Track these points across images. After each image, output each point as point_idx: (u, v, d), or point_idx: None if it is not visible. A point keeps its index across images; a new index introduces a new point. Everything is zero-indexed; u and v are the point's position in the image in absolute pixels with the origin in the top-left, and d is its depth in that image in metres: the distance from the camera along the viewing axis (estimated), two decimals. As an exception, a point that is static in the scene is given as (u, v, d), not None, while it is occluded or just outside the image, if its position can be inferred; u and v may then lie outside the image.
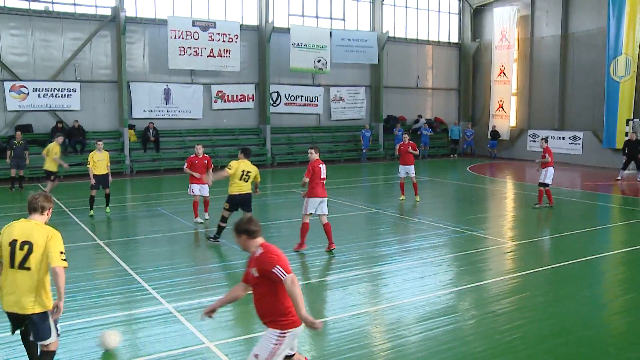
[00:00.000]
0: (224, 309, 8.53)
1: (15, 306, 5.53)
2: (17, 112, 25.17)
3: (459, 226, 14.45)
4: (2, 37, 24.77)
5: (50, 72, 25.58)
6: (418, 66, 35.11)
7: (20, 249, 5.48)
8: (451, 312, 8.51)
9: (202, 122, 28.88)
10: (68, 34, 25.87)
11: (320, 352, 7.14)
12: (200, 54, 27.75)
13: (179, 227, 14.72)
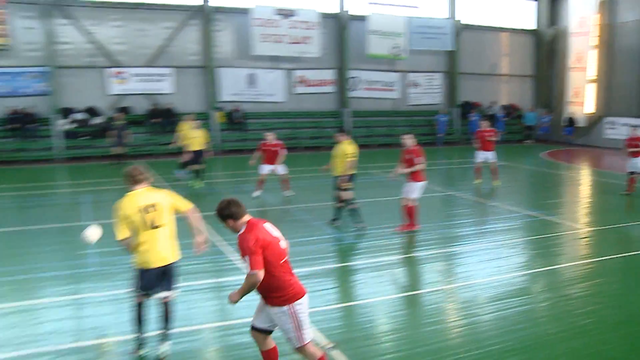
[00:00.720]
0: (309, 280, 8.95)
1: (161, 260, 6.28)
2: (118, 96, 26.46)
3: (534, 210, 14.24)
4: (105, 28, 26.07)
5: (146, 59, 26.68)
6: (493, 53, 34.27)
7: (147, 212, 6.12)
8: (524, 294, 8.53)
9: (284, 106, 29.40)
10: (161, 24, 26.89)
11: (397, 326, 7.36)
12: (282, 41, 28.22)
13: (267, 203, 15.22)
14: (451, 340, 6.93)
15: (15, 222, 13.63)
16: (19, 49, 24.91)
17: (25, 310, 7.93)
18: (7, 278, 9.19)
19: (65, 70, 25.53)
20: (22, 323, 7.50)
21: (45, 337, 7.03)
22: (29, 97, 25.09)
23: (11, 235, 12.38)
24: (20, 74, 25.01)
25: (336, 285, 9.25)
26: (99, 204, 15.52)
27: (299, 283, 5.46)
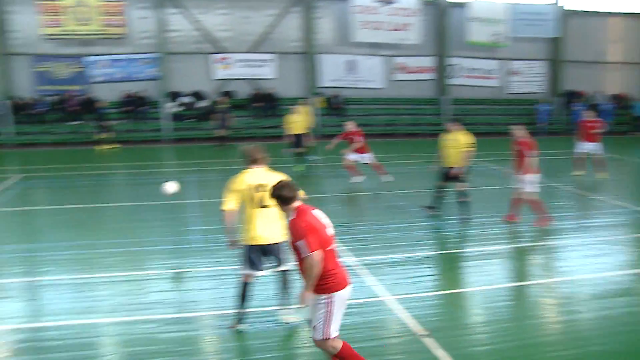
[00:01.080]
0: (405, 266, 8.83)
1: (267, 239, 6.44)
2: (222, 81, 27.24)
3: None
4: (211, 16, 26.89)
5: (249, 45, 27.25)
6: (600, 39, 32.16)
7: (257, 192, 6.27)
8: (632, 294, 7.96)
9: (383, 92, 29.15)
10: (264, 11, 27.34)
11: (493, 317, 7.10)
12: (382, 28, 27.93)
13: (364, 188, 15.17)
14: (548, 337, 6.59)
15: (127, 198, 14.41)
16: (134, 37, 26.29)
17: (135, 280, 8.34)
18: (120, 249, 9.71)
19: (174, 56, 26.62)
20: (131, 291, 7.89)
21: (151, 306, 7.36)
22: (141, 81, 26.47)
23: (124, 209, 13.07)
24: (135, 60, 26.40)
25: (432, 273, 9.07)
26: (202, 184, 16.07)
27: (343, 274, 5.26)
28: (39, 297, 7.99)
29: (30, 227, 11.95)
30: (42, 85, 25.99)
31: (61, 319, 6.98)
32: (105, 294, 7.78)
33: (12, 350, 6.34)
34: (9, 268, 9.00)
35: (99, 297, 7.69)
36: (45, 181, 17.13)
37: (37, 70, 25.91)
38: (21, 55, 25.80)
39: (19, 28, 25.68)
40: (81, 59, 26.12)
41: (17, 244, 10.33)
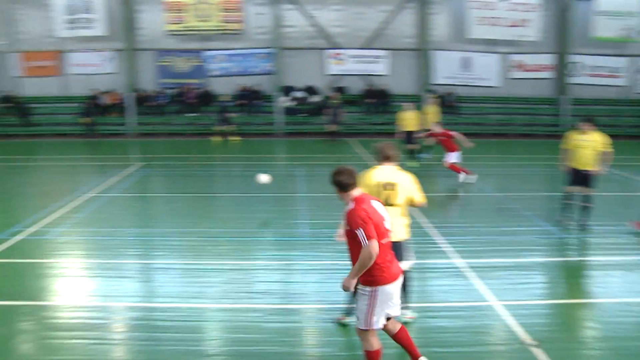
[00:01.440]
0: (515, 272, 8.38)
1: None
2: (335, 76, 27.41)
3: None
4: (326, 12, 27.12)
5: (363, 41, 27.19)
6: None
7: (384, 189, 6.20)
8: None
9: (497, 90, 28.00)
10: (378, 7, 27.14)
11: (612, 334, 6.51)
12: (499, 24, 26.83)
13: (477, 189, 14.64)
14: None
15: (239, 189, 14.81)
16: (250, 32, 27.08)
17: (242, 269, 8.51)
18: (229, 238, 9.96)
19: (289, 51, 27.10)
20: (238, 280, 8.05)
21: (257, 295, 7.47)
22: (256, 75, 27.23)
23: (235, 200, 13.43)
24: (250, 55, 27.19)
25: (544, 281, 8.54)
26: (311, 178, 16.19)
27: (392, 269, 5.09)
28: (152, 280, 8.36)
29: (147, 213, 12.60)
30: (164, 78, 27.52)
31: (171, 302, 7.25)
32: (213, 281, 8.00)
33: (127, 326, 6.70)
34: (126, 250, 9.51)
35: (207, 283, 7.92)
36: (163, 170, 18.01)
37: (160, 64, 27.43)
38: (146, 51, 27.43)
39: (145, 25, 27.33)
40: (200, 53, 27.30)
41: (135, 228, 10.91)
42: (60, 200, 13.01)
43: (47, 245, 9.83)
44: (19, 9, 27.61)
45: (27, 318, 6.90)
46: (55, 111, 27.87)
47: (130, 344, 6.27)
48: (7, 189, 15.70)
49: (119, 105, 27.21)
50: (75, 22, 26.37)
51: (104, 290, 7.76)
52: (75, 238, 10.39)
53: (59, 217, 11.52)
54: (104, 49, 27.33)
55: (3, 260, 8.91)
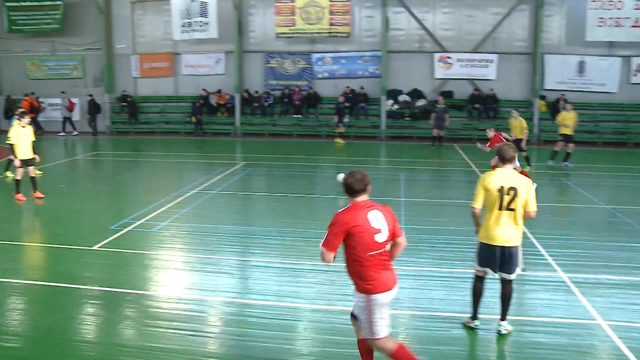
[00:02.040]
0: (625, 291, 7.74)
1: (505, 240, 6.18)
2: (442, 80, 26.91)
3: None
4: (435, 15, 26.67)
5: (472, 45, 26.45)
6: None
7: (507, 194, 6.04)
8: None
9: (616, 97, 26.26)
10: (490, 9, 26.28)
11: None
12: (623, 25, 25.08)
13: (584, 200, 13.80)
14: None
15: (338, 191, 14.77)
16: (358, 35, 27.17)
17: (338, 271, 8.35)
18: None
19: (395, 54, 26.92)
20: (334, 282, 7.96)
21: (351, 298, 7.20)
22: (362, 78, 27.22)
23: (336, 202, 13.44)
24: (357, 57, 27.28)
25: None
26: (413, 182, 15.95)
27: (385, 279, 4.96)
28: (249, 277, 8.50)
29: (247, 211, 12.87)
30: (271, 80, 28.21)
31: (267, 299, 7.32)
32: (309, 281, 8.00)
33: (222, 321, 6.84)
34: (226, 246, 9.76)
35: (303, 283, 7.94)
36: (266, 169, 18.40)
37: (268, 66, 28.13)
38: (255, 53, 28.23)
39: (256, 28, 28.19)
40: (307, 56, 27.70)
41: (235, 225, 11.18)
42: (166, 195, 13.62)
43: (152, 238, 10.28)
44: (140, 14, 29.40)
45: (131, 305, 7.23)
46: (166, 110, 29.40)
47: (224, 338, 6.39)
48: (120, 183, 16.71)
49: (226, 105, 28.22)
50: (190, 25, 27.60)
51: (202, 284, 7.98)
52: (178, 232, 10.79)
53: (164, 211, 12.05)
54: (215, 51, 28.45)
55: (113, 250, 9.42)
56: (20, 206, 12.86)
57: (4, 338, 6.29)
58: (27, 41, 30.94)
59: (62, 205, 13.65)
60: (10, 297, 7.56)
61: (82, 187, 16.05)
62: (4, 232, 10.83)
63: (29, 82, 30.97)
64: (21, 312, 7.12)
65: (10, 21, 30.27)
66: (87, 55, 30.31)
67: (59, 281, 7.95)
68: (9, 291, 7.73)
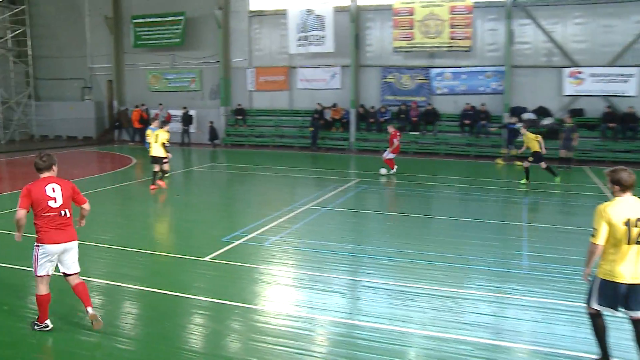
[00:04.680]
0: None
1: (633, 277, 5.71)
2: (571, 97, 25.65)
3: None
4: (565, 26, 25.56)
5: (608, 58, 25.00)
6: None
7: (635, 226, 5.63)
8: None
9: None
10: (632, 17, 24.69)
11: None
12: None
13: None
14: None
15: (456, 212, 14.51)
16: (479, 49, 26.64)
17: (453, 297, 8.22)
18: (442, 263, 9.73)
19: (520, 69, 26.06)
20: (448, 308, 7.78)
21: (466, 326, 7.14)
22: (484, 95, 26.57)
23: (451, 223, 13.16)
24: (478, 73, 26.69)
25: None
26: (538, 206, 15.31)
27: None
28: (359, 297, 8.46)
29: (360, 229, 12.86)
30: (387, 95, 28.25)
31: (376, 322, 7.24)
32: (422, 306, 7.84)
33: (330, 341, 6.84)
34: (336, 265, 9.79)
35: (415, 307, 7.78)
36: (380, 187, 18.36)
37: (384, 81, 28.20)
38: (372, 67, 28.43)
39: (373, 42, 28.44)
40: (426, 71, 27.49)
41: (347, 244, 11.21)
42: (278, 209, 13.96)
43: (263, 252, 10.54)
44: (257, 28, 30.64)
45: (239, 319, 7.43)
46: (281, 124, 30.24)
47: (331, 359, 6.38)
48: (233, 195, 17.34)
49: (341, 120, 28.58)
50: (306, 39, 28.31)
51: (311, 302, 8.05)
52: (289, 247, 10.99)
53: (276, 226, 12.34)
54: (331, 65, 28.97)
55: (224, 262, 9.75)
56: (136, 213, 13.67)
57: (119, 340, 6.69)
58: (150, 55, 33.20)
59: (176, 215, 14.39)
60: (126, 301, 8.06)
61: (196, 198, 16.84)
62: (121, 238, 11.60)
63: (150, 94, 33.15)
64: (135, 317, 7.56)
65: (136, 37, 32.69)
66: (205, 68, 31.97)
67: (171, 289, 8.33)
68: (124, 295, 8.25)
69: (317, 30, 28.04)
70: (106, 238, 11.34)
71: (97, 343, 6.65)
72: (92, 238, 11.23)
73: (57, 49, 35.55)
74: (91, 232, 11.93)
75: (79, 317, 7.21)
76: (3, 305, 7.68)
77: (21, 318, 7.27)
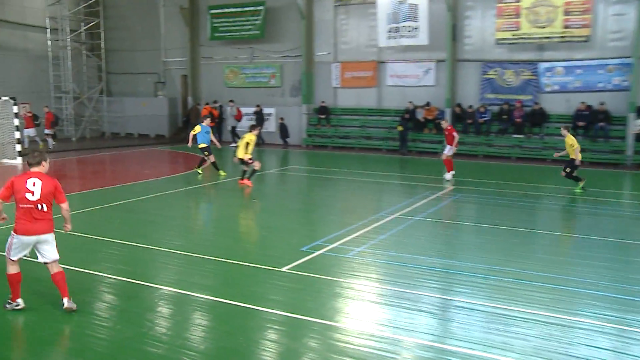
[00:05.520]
0: None
1: None
2: None
3: None
4: None
5: None
6: None
7: None
8: None
9: None
10: None
11: None
12: None
13: None
14: None
15: (567, 228, 14.08)
16: (600, 39, 25.56)
17: (561, 325, 7.93)
18: (548, 285, 9.43)
19: (651, 62, 24.78)
20: (555, 337, 7.51)
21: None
22: (603, 92, 25.49)
23: (560, 240, 12.79)
24: (597, 67, 25.65)
25: None
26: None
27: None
28: (451, 319, 8.31)
29: (453, 243, 12.68)
30: (488, 93, 27.72)
31: (470, 348, 7.09)
32: (523, 333, 7.61)
33: (417, 367, 6.76)
34: (426, 281, 9.68)
35: (515, 334, 7.57)
36: (476, 196, 18.00)
37: (485, 77, 27.68)
38: (470, 62, 28.01)
39: (472, 33, 28.02)
40: (533, 65, 26.75)
41: (438, 258, 11.07)
42: (363, 218, 13.99)
43: (346, 264, 10.57)
44: (343, 19, 30.81)
45: (317, 336, 7.47)
46: (368, 124, 30.27)
47: (418, 386, 6.31)
48: (314, 202, 17.50)
49: (435, 121, 28.28)
50: (397, 31, 28.22)
51: (397, 322, 7.98)
52: (373, 260, 10.96)
53: (360, 236, 12.36)
54: (424, 60, 28.75)
55: (302, 273, 9.86)
56: (209, 218, 14.02)
57: (189, 354, 6.88)
58: (227, 48, 34.09)
59: (252, 220, 14.67)
60: (196, 312, 8.27)
61: (274, 203, 17.10)
62: (193, 244, 11.95)
63: (227, 90, 34.05)
64: (205, 329, 7.76)
65: (212, 28, 33.66)
66: (286, 62, 32.51)
67: (245, 301, 8.49)
68: (195, 306, 8.48)
69: (409, 20, 27.90)
70: (177, 244, 11.71)
71: (164, 356, 6.86)
72: (162, 243, 11.65)
73: (130, 42, 37.17)
74: (161, 237, 12.41)
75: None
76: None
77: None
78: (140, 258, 11.05)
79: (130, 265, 10.47)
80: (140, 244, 11.71)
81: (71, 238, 11.62)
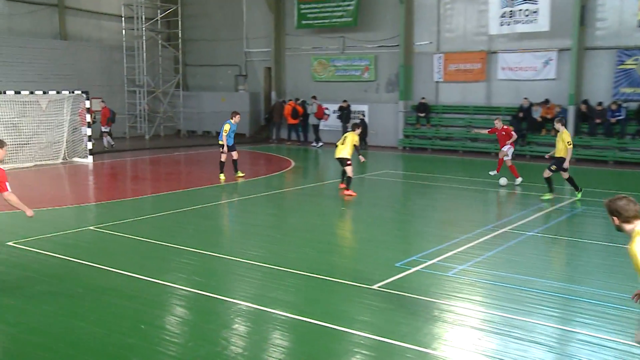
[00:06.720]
0: None
1: None
2: None
3: None
4: None
5: None
6: None
7: None
8: None
9: None
10: None
11: None
12: None
13: None
14: None
15: None
16: None
17: None
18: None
19: None
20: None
21: None
22: None
23: None
24: None
25: None
26: None
27: None
28: (572, 354, 7.99)
29: (574, 263, 12.30)
30: (624, 87, 26.57)
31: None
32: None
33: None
34: (542, 307, 9.39)
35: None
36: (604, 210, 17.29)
37: (620, 68, 26.60)
38: (603, 50, 27.01)
39: (606, 16, 26.94)
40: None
41: (557, 281, 10.80)
42: (467, 232, 13.80)
43: (446, 284, 10.44)
44: (448, 3, 30.51)
45: (412, 366, 7.40)
46: (474, 124, 29.82)
47: None
48: (410, 211, 17.42)
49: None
50: (512, 15, 27.66)
51: (505, 353, 7.78)
52: (479, 280, 10.77)
53: (463, 252, 12.20)
54: (544, 49, 28.01)
55: (396, 292, 9.81)
56: (293, 227, 14.17)
57: (265, 379, 6.93)
58: (315, 37, 34.36)
59: (340, 231, 14.71)
60: (275, 331, 8.36)
61: (365, 212, 17.09)
62: (275, 255, 12.11)
63: (314, 84, 34.32)
64: (285, 351, 7.79)
65: (300, 15, 33.92)
66: (381, 53, 32.50)
67: (330, 321, 8.50)
68: (274, 324, 8.56)
69: (527, 3, 27.29)
70: (257, 254, 11.90)
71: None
72: (241, 253, 11.86)
73: (209, 31, 38.11)
74: (240, 246, 12.65)
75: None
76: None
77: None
78: (215, 269, 11.29)
79: (205, 277, 10.71)
80: (216, 253, 11.98)
81: (142, 245, 12.00)
